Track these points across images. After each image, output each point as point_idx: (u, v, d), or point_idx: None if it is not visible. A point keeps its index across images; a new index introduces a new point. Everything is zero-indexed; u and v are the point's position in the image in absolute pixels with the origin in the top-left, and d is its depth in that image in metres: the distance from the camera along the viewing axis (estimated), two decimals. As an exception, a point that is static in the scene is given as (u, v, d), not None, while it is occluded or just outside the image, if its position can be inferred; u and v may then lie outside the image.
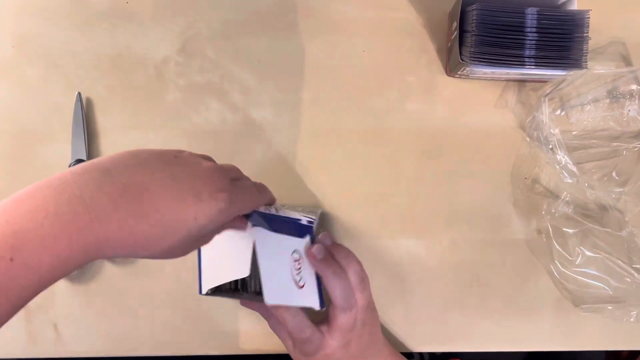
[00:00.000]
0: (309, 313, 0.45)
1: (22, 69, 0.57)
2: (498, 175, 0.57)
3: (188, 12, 0.57)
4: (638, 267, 0.53)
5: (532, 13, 0.50)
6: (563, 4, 0.52)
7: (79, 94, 0.55)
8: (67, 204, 0.25)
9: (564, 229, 0.54)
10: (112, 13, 0.57)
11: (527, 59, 0.50)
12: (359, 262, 0.47)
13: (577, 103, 0.55)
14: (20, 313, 0.53)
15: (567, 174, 0.52)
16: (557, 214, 0.55)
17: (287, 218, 0.44)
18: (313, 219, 0.46)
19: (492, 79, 0.56)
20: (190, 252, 0.34)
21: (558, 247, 0.54)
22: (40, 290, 0.27)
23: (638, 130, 0.55)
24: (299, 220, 0.45)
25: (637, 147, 0.54)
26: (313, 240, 0.46)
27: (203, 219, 0.30)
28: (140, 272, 0.55)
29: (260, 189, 0.41)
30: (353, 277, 0.45)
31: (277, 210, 0.44)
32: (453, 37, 0.53)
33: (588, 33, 0.50)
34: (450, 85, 0.57)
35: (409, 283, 0.56)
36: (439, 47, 0.57)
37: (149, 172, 0.28)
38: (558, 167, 0.52)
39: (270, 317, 0.48)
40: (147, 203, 0.27)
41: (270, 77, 0.57)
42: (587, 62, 0.51)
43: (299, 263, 0.44)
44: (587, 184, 0.53)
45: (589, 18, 0.50)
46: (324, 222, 0.56)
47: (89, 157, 0.55)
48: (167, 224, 0.28)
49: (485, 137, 0.57)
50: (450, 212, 0.56)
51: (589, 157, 0.55)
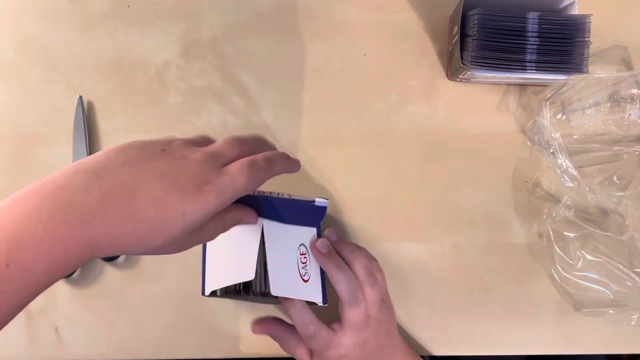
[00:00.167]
0: (322, 312, 0.45)
1: (22, 72, 0.57)
2: (499, 179, 0.57)
3: (189, 15, 0.57)
4: (639, 270, 0.53)
5: (533, 17, 0.50)
6: (564, 9, 0.52)
7: (80, 98, 0.55)
8: (59, 210, 0.27)
9: (565, 233, 0.54)
10: (113, 16, 0.57)
11: (528, 64, 0.50)
12: (369, 257, 0.47)
13: (578, 107, 0.55)
14: (21, 316, 0.53)
15: (568, 178, 0.52)
16: (558, 218, 0.55)
17: (298, 201, 0.43)
18: (326, 200, 0.44)
19: (493, 83, 0.56)
20: (192, 246, 0.34)
21: (559, 250, 0.54)
22: (38, 293, 0.27)
23: (639, 134, 0.55)
24: (312, 202, 0.43)
25: (638, 151, 0.54)
26: (319, 234, 0.46)
27: (192, 214, 0.30)
28: (141, 275, 0.55)
29: (271, 162, 0.35)
30: (359, 270, 0.45)
31: (289, 196, 0.43)
32: (454, 41, 0.53)
33: (589, 37, 0.50)
34: (451, 89, 0.57)
35: (410, 286, 0.56)
36: (440, 50, 0.57)
37: (135, 171, 0.29)
38: (559, 171, 0.52)
39: (284, 340, 0.48)
40: (134, 204, 0.28)
41: (272, 80, 0.57)
42: (588, 66, 0.51)
43: (305, 257, 0.45)
44: (588, 188, 0.53)
45: (590, 22, 0.50)
46: (325, 224, 0.56)
47: (90, 160, 0.55)
48: (155, 223, 0.29)
49: (486, 140, 0.57)
50: (452, 215, 0.56)
51: (590, 161, 0.55)
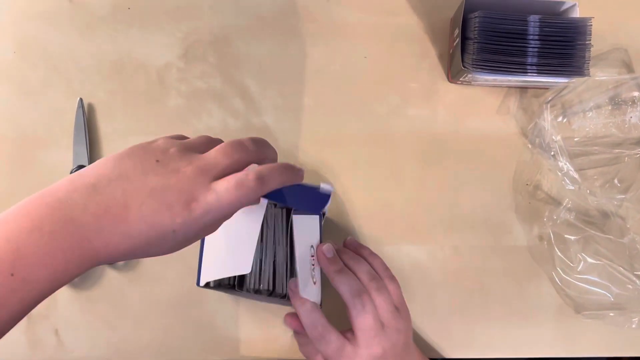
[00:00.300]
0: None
1: (23, 74, 0.57)
2: (500, 182, 0.57)
3: (190, 17, 0.57)
4: (639, 273, 0.53)
5: (534, 20, 0.50)
6: (565, 12, 0.52)
7: (81, 100, 0.55)
8: (59, 224, 0.28)
9: (566, 236, 0.54)
10: (113, 18, 0.57)
11: (529, 67, 0.50)
12: (377, 260, 0.47)
13: (579, 110, 0.55)
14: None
15: (569, 181, 0.52)
16: (558, 221, 0.55)
17: (303, 185, 0.40)
18: (330, 186, 0.42)
19: (493, 86, 0.56)
20: (190, 244, 0.34)
21: (560, 253, 0.54)
22: (40, 301, 0.29)
23: (639, 137, 0.55)
24: (317, 188, 0.41)
25: (638, 153, 0.54)
26: (323, 215, 0.46)
27: (181, 231, 0.31)
28: (142, 278, 0.55)
29: (263, 179, 0.33)
30: (363, 276, 0.45)
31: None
32: (455, 43, 0.53)
33: (590, 41, 0.50)
34: (452, 91, 0.57)
35: (411, 289, 0.56)
36: (441, 52, 0.57)
37: (129, 186, 0.30)
38: (560, 174, 0.52)
39: (305, 342, 0.47)
40: (127, 221, 0.29)
41: (272, 82, 0.57)
42: (589, 69, 0.51)
43: (314, 259, 0.45)
44: (588, 191, 0.53)
45: (591, 26, 0.50)
46: (326, 227, 0.56)
47: (91, 162, 0.55)
48: (148, 239, 0.30)
49: (487, 143, 0.57)
50: (452, 218, 0.56)
51: (591, 163, 0.55)
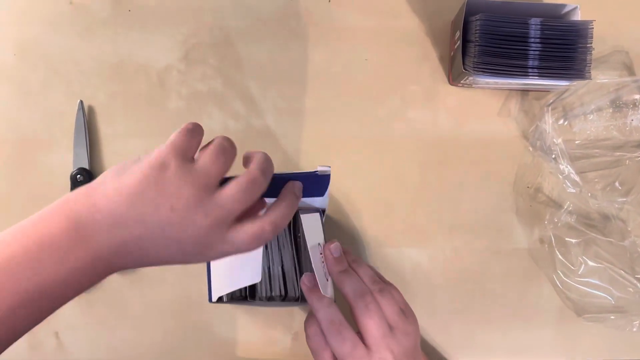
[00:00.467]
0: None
1: (23, 76, 0.56)
2: (501, 184, 0.57)
3: (190, 20, 0.57)
4: (640, 277, 0.53)
5: (535, 23, 0.50)
6: (566, 14, 0.52)
7: (81, 102, 0.55)
8: (83, 260, 0.32)
9: (567, 239, 0.54)
10: (114, 20, 0.57)
11: (530, 70, 0.50)
12: (379, 275, 0.48)
13: (580, 112, 0.55)
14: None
15: (570, 184, 0.52)
16: (559, 224, 0.54)
17: (301, 173, 0.40)
18: (327, 167, 0.41)
19: (494, 88, 0.56)
20: None
21: (560, 256, 0.54)
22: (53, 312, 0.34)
23: (641, 140, 0.55)
24: (315, 172, 0.41)
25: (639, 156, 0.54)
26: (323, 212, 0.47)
27: (191, 262, 0.35)
28: (142, 281, 0.55)
29: (280, 226, 0.36)
30: (365, 278, 0.45)
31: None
32: (456, 46, 0.53)
33: (591, 44, 0.50)
34: (453, 94, 0.57)
35: (412, 291, 0.56)
36: (442, 55, 0.57)
37: (146, 232, 0.33)
38: (561, 176, 0.52)
39: (314, 334, 0.45)
40: (142, 256, 0.34)
41: (273, 85, 0.57)
42: (590, 72, 0.51)
43: (322, 257, 0.45)
44: (589, 194, 0.53)
45: (593, 29, 0.50)
46: (327, 230, 0.56)
47: (91, 165, 0.55)
48: (159, 264, 0.35)
49: (488, 146, 0.57)
50: (453, 221, 0.56)
51: (592, 166, 0.55)
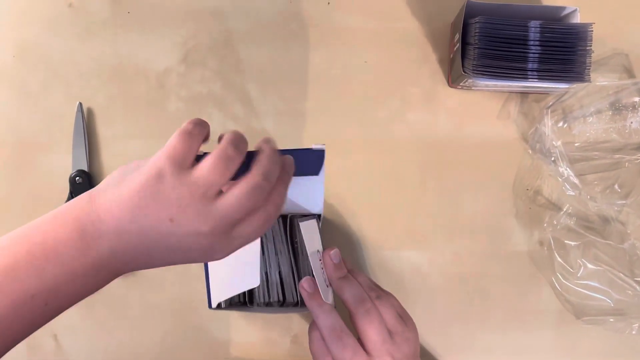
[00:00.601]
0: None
1: (22, 78, 0.56)
2: (500, 187, 0.57)
3: (190, 22, 0.57)
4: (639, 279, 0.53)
5: (535, 26, 0.50)
6: (566, 17, 0.52)
7: (80, 104, 0.55)
8: (87, 267, 0.33)
9: (566, 241, 0.54)
10: (113, 22, 0.57)
11: (530, 72, 0.50)
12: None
13: (579, 115, 0.55)
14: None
15: (569, 187, 0.52)
16: (559, 226, 0.54)
17: (295, 149, 0.39)
18: (322, 144, 0.41)
19: (494, 90, 0.56)
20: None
21: (560, 259, 0.54)
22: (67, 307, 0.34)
23: (640, 142, 0.55)
24: (309, 149, 0.40)
25: (639, 159, 0.54)
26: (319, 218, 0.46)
27: (202, 262, 0.37)
28: (141, 283, 0.55)
29: (283, 193, 0.36)
30: (363, 285, 0.45)
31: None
32: (455, 48, 0.53)
33: (591, 46, 0.50)
34: (453, 96, 0.57)
35: (411, 294, 0.56)
36: (441, 57, 0.57)
37: (150, 243, 0.33)
38: (560, 179, 0.52)
39: (317, 339, 0.45)
40: (147, 263, 0.34)
41: (272, 87, 0.57)
42: (590, 75, 0.50)
43: (322, 262, 0.45)
44: (589, 196, 0.53)
45: (592, 31, 0.50)
46: (326, 232, 0.56)
47: (90, 167, 0.55)
48: (167, 266, 0.35)
49: (488, 148, 0.57)
50: (452, 223, 0.56)
51: (591, 169, 0.55)
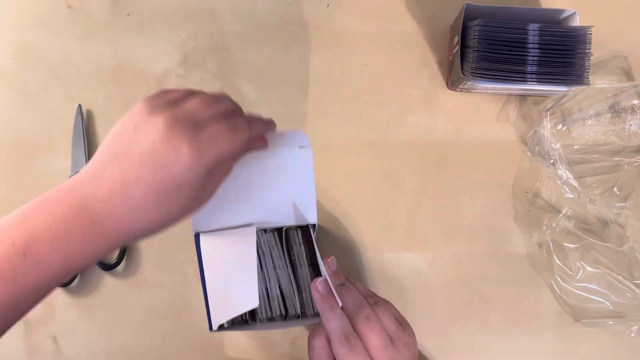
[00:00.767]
0: None
1: (22, 80, 0.56)
2: (499, 189, 0.57)
3: (189, 23, 0.57)
4: (639, 282, 0.53)
5: (534, 29, 0.50)
6: (565, 20, 0.52)
7: (80, 106, 0.55)
8: (71, 211, 0.31)
9: (565, 244, 0.54)
10: (112, 24, 0.57)
11: (529, 75, 0.50)
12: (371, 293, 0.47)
13: (578, 117, 0.55)
14: (20, 325, 0.53)
15: (568, 189, 0.52)
16: (558, 229, 0.54)
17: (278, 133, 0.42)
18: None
19: (493, 93, 0.56)
20: (208, 191, 0.36)
21: (559, 261, 0.54)
22: (55, 285, 0.32)
23: (639, 145, 0.55)
24: (295, 131, 0.43)
25: (638, 161, 0.54)
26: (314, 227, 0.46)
27: (185, 179, 0.34)
28: (140, 285, 0.55)
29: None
30: (361, 291, 0.45)
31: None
32: (454, 51, 0.53)
33: (590, 49, 0.50)
34: (452, 99, 0.57)
35: (410, 297, 0.56)
36: (441, 60, 0.57)
37: (122, 162, 0.32)
38: (559, 182, 0.52)
39: (319, 347, 0.45)
40: (131, 195, 0.32)
41: (271, 88, 0.57)
42: (589, 78, 0.51)
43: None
44: (588, 199, 0.53)
45: (591, 34, 0.50)
46: (325, 234, 0.56)
47: (89, 169, 0.55)
48: (158, 201, 0.33)
49: (487, 150, 0.57)
50: (452, 225, 0.56)
51: (590, 171, 0.55)
